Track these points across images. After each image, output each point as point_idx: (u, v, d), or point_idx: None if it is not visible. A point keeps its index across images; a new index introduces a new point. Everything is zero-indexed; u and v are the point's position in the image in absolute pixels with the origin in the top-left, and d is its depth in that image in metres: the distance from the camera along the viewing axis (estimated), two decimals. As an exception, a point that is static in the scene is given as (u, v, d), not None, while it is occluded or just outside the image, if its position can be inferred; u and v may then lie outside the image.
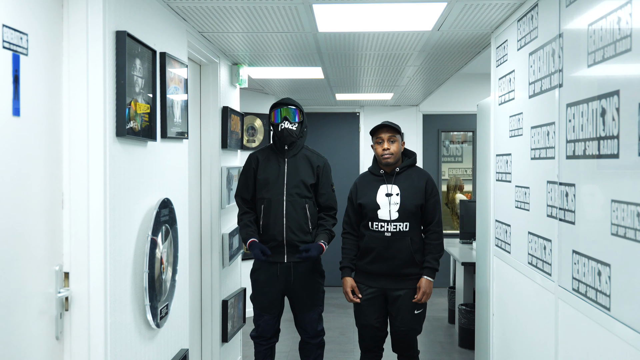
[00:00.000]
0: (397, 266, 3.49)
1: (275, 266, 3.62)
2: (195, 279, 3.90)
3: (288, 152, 3.66)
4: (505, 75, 3.17)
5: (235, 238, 4.43)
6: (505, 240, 3.17)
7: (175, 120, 2.96)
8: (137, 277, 2.48)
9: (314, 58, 4.32)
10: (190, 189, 3.72)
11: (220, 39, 3.71)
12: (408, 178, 3.56)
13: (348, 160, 8.03)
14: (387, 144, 3.53)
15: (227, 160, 4.29)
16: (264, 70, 4.88)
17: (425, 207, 3.55)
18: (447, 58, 4.32)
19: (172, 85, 2.91)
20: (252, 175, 3.70)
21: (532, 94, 2.68)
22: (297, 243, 3.59)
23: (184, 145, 3.19)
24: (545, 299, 2.49)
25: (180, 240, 3.03)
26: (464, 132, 8.10)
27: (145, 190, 2.59)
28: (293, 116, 3.61)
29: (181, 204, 3.10)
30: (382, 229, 3.50)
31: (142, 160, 2.56)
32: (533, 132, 2.67)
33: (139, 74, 2.46)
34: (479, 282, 3.97)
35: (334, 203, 3.74)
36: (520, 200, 2.87)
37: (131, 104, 2.37)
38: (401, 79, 5.42)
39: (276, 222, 3.59)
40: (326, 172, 3.73)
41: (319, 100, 7.40)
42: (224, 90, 4.25)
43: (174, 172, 2.99)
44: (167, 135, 2.81)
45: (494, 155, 3.42)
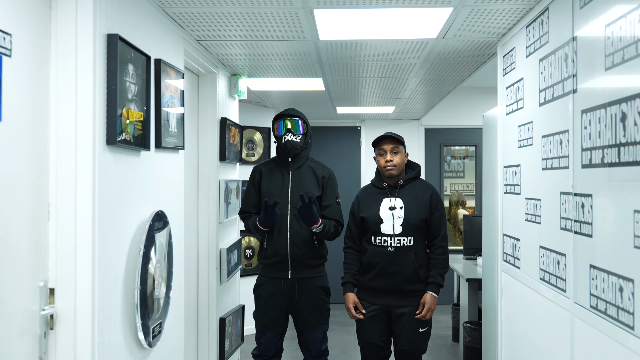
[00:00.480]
0: (401, 282, 3.36)
1: (278, 282, 3.49)
2: (191, 295, 3.77)
3: (292, 165, 3.54)
4: (513, 84, 3.06)
5: (234, 253, 4.30)
6: (514, 255, 3.04)
7: (170, 130, 2.84)
8: (128, 294, 2.35)
9: (315, 68, 4.22)
10: (186, 202, 3.59)
11: (218, 48, 3.61)
12: (412, 191, 3.44)
13: (349, 175, 7.91)
14: (390, 156, 3.41)
15: (225, 173, 4.17)
16: (263, 81, 4.78)
17: (430, 221, 3.42)
18: (451, 68, 4.22)
19: (167, 94, 2.80)
20: (256, 188, 3.58)
21: (543, 102, 2.57)
22: (302, 258, 3.46)
23: (180, 156, 3.08)
24: (559, 316, 2.36)
25: (175, 255, 2.90)
26: (467, 146, 7.99)
27: (138, 202, 2.47)
28: (297, 128, 3.49)
29: (176, 217, 2.98)
30: (385, 244, 3.37)
31: (135, 170, 2.44)
32: (544, 142, 2.55)
33: (132, 80, 2.35)
34: (485, 298, 3.83)
35: (339, 217, 3.59)
36: (531, 213, 2.74)
37: (123, 111, 2.25)
38: (403, 91, 5.32)
39: (280, 237, 3.46)
40: (331, 184, 3.60)
41: (320, 114, 7.29)
42: (223, 101, 4.14)
43: (169, 183, 2.87)
44: (162, 146, 2.70)
45: (501, 167, 3.30)
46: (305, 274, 3.48)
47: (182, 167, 3.10)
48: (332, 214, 3.54)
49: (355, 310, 3.43)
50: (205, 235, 3.88)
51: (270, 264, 3.49)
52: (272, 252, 3.47)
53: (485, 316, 3.81)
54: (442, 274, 3.38)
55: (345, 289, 3.46)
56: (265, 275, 3.53)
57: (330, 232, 3.46)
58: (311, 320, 3.50)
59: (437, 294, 3.35)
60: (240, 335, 4.44)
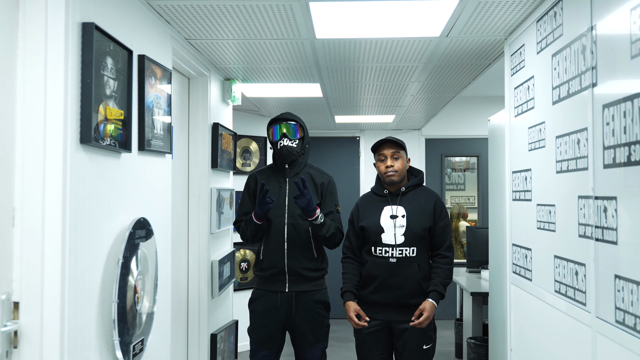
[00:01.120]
0: (403, 295, 3.15)
1: (275, 296, 3.27)
2: (180, 310, 3.55)
3: (289, 171, 3.34)
4: (522, 84, 2.87)
5: (227, 266, 4.09)
6: (524, 267, 2.84)
7: (156, 132, 2.65)
8: (105, 308, 2.14)
9: (312, 72, 4.03)
10: (176, 210, 3.40)
11: (209, 48, 3.43)
12: (415, 198, 3.24)
13: (348, 186, 7.71)
14: (390, 161, 3.22)
15: (218, 181, 3.97)
16: (258, 87, 4.59)
17: (434, 231, 3.22)
18: (453, 72, 4.03)
19: (152, 93, 2.61)
20: (251, 197, 3.36)
21: (557, 99, 2.37)
22: (300, 271, 3.25)
23: (167, 161, 2.88)
24: (578, 332, 2.15)
25: (161, 266, 2.70)
26: (468, 156, 7.80)
27: (118, 208, 2.27)
28: (293, 132, 3.29)
29: (162, 225, 2.78)
30: (386, 255, 3.16)
31: (114, 173, 2.24)
32: (559, 142, 2.35)
33: (111, 75, 2.16)
34: (492, 313, 3.61)
35: (339, 224, 3.37)
36: (544, 220, 2.54)
37: (100, 108, 2.06)
38: (404, 98, 5.14)
39: (277, 248, 3.25)
40: (330, 190, 3.39)
41: (318, 124, 7.12)
42: (215, 105, 3.95)
43: (154, 189, 2.67)
44: (145, 148, 2.50)
45: (509, 173, 3.11)
46: (303, 287, 3.27)
47: (169, 173, 2.91)
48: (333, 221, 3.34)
49: (359, 319, 3.19)
50: (196, 247, 3.68)
51: (266, 276, 3.28)
52: (269, 264, 3.26)
53: (492, 331, 3.60)
54: (445, 284, 3.17)
55: (345, 298, 3.24)
56: (261, 288, 3.32)
57: (330, 232, 3.24)
58: (310, 336, 3.28)
59: (437, 304, 3.13)
60: (233, 352, 4.22)
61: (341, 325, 7.27)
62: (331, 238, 3.26)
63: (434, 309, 3.11)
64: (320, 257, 3.33)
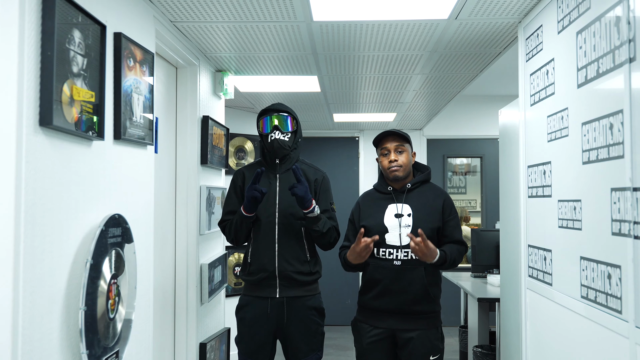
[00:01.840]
0: (408, 302, 2.88)
1: (265, 302, 3.00)
2: (166, 317, 3.28)
3: (280, 167, 3.08)
4: (540, 69, 2.61)
5: (218, 270, 3.82)
6: (543, 270, 2.57)
7: (135, 120, 2.38)
8: (70, 317, 1.87)
9: (309, 62, 3.77)
10: (161, 209, 3.13)
11: (198, 33, 3.17)
12: (422, 196, 2.97)
13: (346, 188, 7.45)
14: (394, 155, 2.95)
15: (208, 179, 3.71)
16: (252, 80, 4.33)
17: (444, 231, 2.95)
18: (461, 62, 3.78)
19: (131, 77, 2.35)
20: (239, 194, 3.10)
21: (584, 82, 2.11)
22: (292, 275, 2.98)
23: (149, 153, 2.61)
24: (612, 344, 1.88)
25: (141, 269, 2.43)
26: (472, 157, 7.55)
27: (88, 203, 2.00)
28: (285, 125, 3.03)
29: (142, 224, 2.51)
30: (390, 257, 2.89)
31: (84, 162, 1.97)
32: (585, 129, 2.09)
33: (80, 51, 1.90)
34: (505, 320, 3.34)
35: (335, 223, 3.12)
36: (567, 218, 2.27)
37: (65, 86, 1.79)
38: (406, 93, 4.88)
39: (267, 250, 2.99)
40: (325, 188, 3.14)
41: (316, 123, 6.86)
42: (205, 98, 3.69)
43: (132, 183, 2.41)
44: (122, 136, 2.24)
45: (524, 168, 2.84)
46: (295, 292, 3.00)
47: (151, 166, 2.64)
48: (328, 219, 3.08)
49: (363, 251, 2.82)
50: (184, 249, 3.40)
51: (255, 281, 3.01)
52: (258, 268, 2.99)
53: (504, 340, 3.32)
54: (451, 257, 2.87)
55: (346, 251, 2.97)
56: (250, 294, 3.05)
57: (327, 227, 2.99)
58: (303, 346, 3.01)
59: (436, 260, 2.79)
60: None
61: (339, 332, 7.00)
62: (327, 235, 3.01)
63: (435, 254, 2.78)
64: (313, 259, 3.07)
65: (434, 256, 2.79)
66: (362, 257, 2.83)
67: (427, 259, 2.79)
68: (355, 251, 2.82)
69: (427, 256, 2.77)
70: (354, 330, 3.06)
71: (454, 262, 2.91)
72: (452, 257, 2.88)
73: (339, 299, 7.33)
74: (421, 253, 2.76)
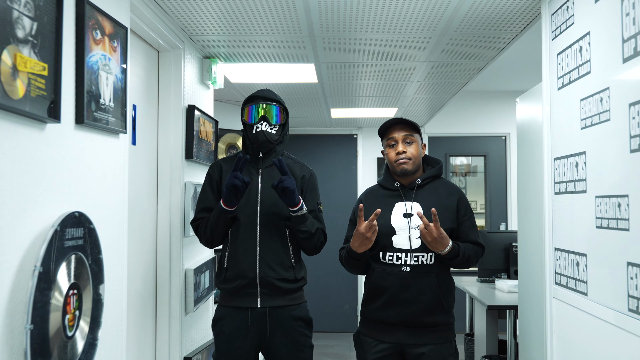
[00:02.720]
0: (418, 313, 2.54)
1: (244, 313, 2.65)
2: (146, 330, 2.93)
3: (263, 162, 2.74)
4: (570, 46, 2.28)
5: (205, 275, 3.47)
6: (574, 277, 2.23)
7: (103, 102, 2.04)
8: (14, 337, 1.52)
9: (306, 47, 3.43)
10: (140, 208, 2.79)
11: (182, 12, 2.83)
12: (433, 193, 2.64)
13: (344, 189, 7.13)
14: (402, 146, 2.61)
15: (193, 175, 3.36)
16: (244, 69, 3.99)
17: (459, 232, 2.62)
18: (472, 48, 3.44)
19: (98, 51, 2.00)
20: (215, 189, 2.76)
21: (632, 55, 1.78)
22: (275, 282, 2.64)
23: (122, 143, 2.27)
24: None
25: (110, 277, 2.08)
26: (475, 156, 7.22)
27: (40, 198, 1.66)
28: (274, 116, 2.69)
29: (113, 224, 2.16)
30: (398, 262, 2.55)
31: (33, 148, 1.63)
32: (634, 111, 1.76)
33: (27, 12, 1.55)
34: (524, 332, 3.00)
35: (323, 225, 2.79)
36: (609, 217, 1.94)
37: (5, 52, 1.45)
38: (409, 85, 4.55)
39: (247, 253, 2.64)
40: (312, 186, 2.80)
41: (313, 120, 6.53)
42: (191, 86, 3.34)
43: (100, 177, 2.06)
44: (85, 121, 1.89)
45: (550, 160, 2.51)
46: (279, 301, 2.66)
47: (124, 157, 2.29)
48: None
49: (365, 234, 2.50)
50: (166, 252, 3.06)
51: (233, 289, 2.66)
52: (236, 274, 2.65)
53: (524, 355, 2.99)
54: (466, 254, 2.55)
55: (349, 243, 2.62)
56: (227, 305, 2.70)
57: (314, 228, 2.67)
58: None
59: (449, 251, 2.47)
60: (213, 376, 3.59)
61: (337, 340, 6.67)
62: (314, 237, 2.68)
63: (447, 243, 2.46)
64: (298, 264, 2.74)
65: (445, 245, 2.46)
66: (368, 239, 2.49)
67: (436, 246, 2.46)
68: (359, 232, 2.48)
69: (437, 243, 2.45)
70: (357, 345, 2.71)
71: (467, 260, 2.57)
72: (466, 254, 2.55)
73: (336, 304, 6.99)
74: (430, 237, 2.43)
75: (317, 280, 6.43)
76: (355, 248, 2.54)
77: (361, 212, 2.49)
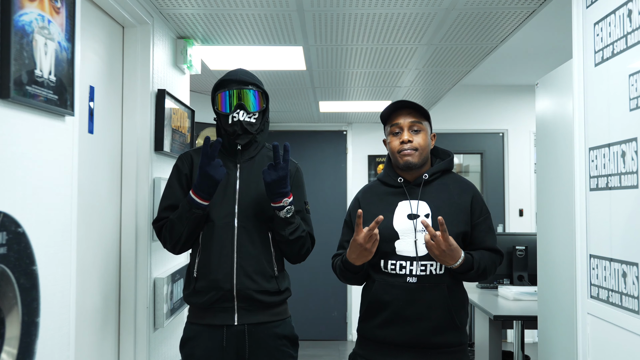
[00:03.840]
0: (426, 332, 2.13)
1: (219, 332, 2.24)
2: (106, 351, 2.50)
3: (241, 155, 2.33)
4: (613, 12, 1.90)
5: (179, 284, 3.05)
6: (619, 291, 1.85)
7: (39, 74, 1.62)
8: None
9: (293, 24, 3.03)
10: (99, 208, 2.38)
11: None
12: (443, 190, 2.24)
13: (333, 188, 6.73)
14: (407, 134, 2.21)
15: (164, 170, 2.94)
16: (224, 53, 3.58)
17: (473, 237, 2.22)
18: (483, 25, 3.06)
19: (32, 9, 1.59)
20: (183, 184, 2.35)
21: None
22: (255, 295, 2.23)
23: (69, 127, 1.85)
24: None
25: (48, 294, 1.67)
26: (471, 154, 6.87)
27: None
28: (251, 102, 2.27)
29: (54, 228, 1.74)
30: (402, 272, 2.15)
31: None
32: None
33: None
34: (545, 350, 2.62)
35: (310, 228, 2.39)
36: (673, 218, 1.56)
37: None
38: (406, 74, 4.16)
39: (222, 261, 2.23)
40: (298, 182, 2.40)
41: (299, 115, 6.14)
42: (162, 69, 2.93)
43: (35, 169, 1.64)
44: (12, 95, 1.48)
45: (582, 151, 2.13)
46: (259, 317, 2.25)
47: (71, 145, 1.88)
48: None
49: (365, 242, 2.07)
50: (131, 259, 2.64)
51: (204, 303, 2.25)
52: (208, 285, 2.23)
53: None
54: (482, 266, 2.15)
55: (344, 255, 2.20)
56: (198, 322, 2.29)
57: (300, 232, 2.27)
58: None
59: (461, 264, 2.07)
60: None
61: (325, 349, 6.26)
62: (300, 242, 2.28)
63: (458, 255, 2.06)
64: (281, 274, 2.34)
65: (456, 258, 2.06)
66: (368, 250, 2.08)
67: (446, 260, 2.06)
68: (357, 242, 2.07)
69: (446, 256, 2.05)
70: (354, 369, 2.31)
71: (483, 272, 2.17)
72: (481, 265, 2.15)
73: (324, 310, 6.59)
74: (438, 250, 2.03)
75: (303, 285, 6.04)
76: (353, 260, 2.13)
77: (359, 219, 2.08)
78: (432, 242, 2.04)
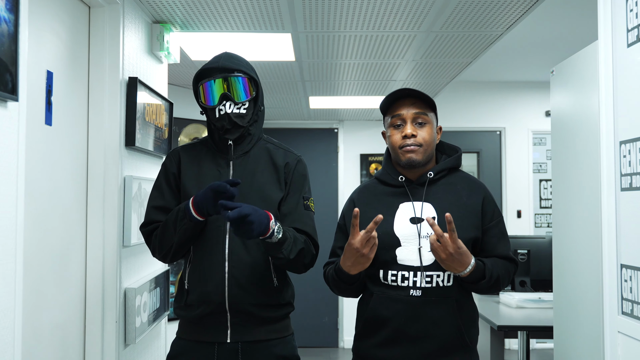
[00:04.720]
0: (432, 352, 1.87)
1: (209, 349, 1.96)
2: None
3: (234, 150, 2.04)
4: (652, -18, 1.63)
5: (154, 293, 2.77)
6: (660, 307, 1.58)
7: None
8: None
9: (281, 7, 2.75)
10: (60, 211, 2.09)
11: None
12: (450, 190, 1.96)
13: (323, 188, 6.45)
14: (410, 128, 1.94)
15: (137, 168, 2.65)
16: (206, 41, 3.29)
17: (484, 242, 1.95)
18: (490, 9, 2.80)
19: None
20: (172, 185, 2.06)
21: None
22: (251, 308, 1.95)
23: (11, 115, 1.56)
24: None
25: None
26: (468, 153, 6.62)
27: None
28: (239, 91, 1.98)
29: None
30: (405, 284, 1.88)
31: None
32: None
33: None
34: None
35: (312, 229, 2.06)
36: None
37: None
38: (402, 66, 3.90)
39: (212, 270, 1.95)
40: (298, 176, 2.10)
41: (288, 112, 5.87)
42: (134, 54, 2.64)
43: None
44: None
45: (612, 145, 1.86)
46: (256, 334, 1.96)
47: (16, 137, 1.59)
48: (296, 222, 2.02)
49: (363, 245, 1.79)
50: (98, 268, 2.35)
51: (194, 318, 1.97)
52: (199, 297, 1.95)
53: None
54: (494, 274, 1.87)
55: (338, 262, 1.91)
56: (187, 337, 2.01)
57: (295, 251, 1.93)
58: None
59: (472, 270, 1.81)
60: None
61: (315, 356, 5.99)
62: (297, 260, 1.96)
63: (467, 261, 1.79)
64: (282, 285, 2.04)
65: (466, 264, 1.79)
66: (365, 257, 1.80)
67: (454, 265, 1.79)
68: (353, 247, 1.79)
69: (454, 261, 1.77)
70: (349, 394, 2.03)
71: (496, 282, 1.90)
72: (494, 274, 1.88)
73: (315, 316, 6.33)
74: (445, 253, 1.76)
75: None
76: (347, 268, 1.85)
77: (355, 220, 1.80)
78: (438, 244, 1.77)
